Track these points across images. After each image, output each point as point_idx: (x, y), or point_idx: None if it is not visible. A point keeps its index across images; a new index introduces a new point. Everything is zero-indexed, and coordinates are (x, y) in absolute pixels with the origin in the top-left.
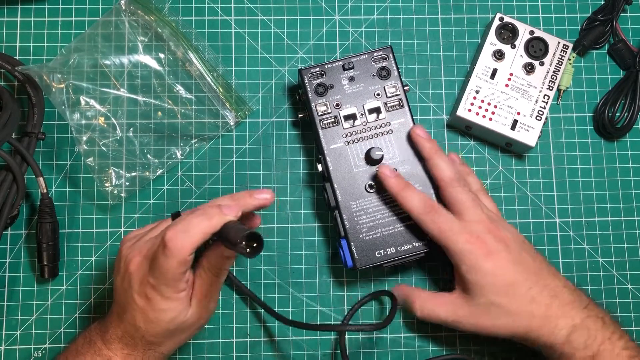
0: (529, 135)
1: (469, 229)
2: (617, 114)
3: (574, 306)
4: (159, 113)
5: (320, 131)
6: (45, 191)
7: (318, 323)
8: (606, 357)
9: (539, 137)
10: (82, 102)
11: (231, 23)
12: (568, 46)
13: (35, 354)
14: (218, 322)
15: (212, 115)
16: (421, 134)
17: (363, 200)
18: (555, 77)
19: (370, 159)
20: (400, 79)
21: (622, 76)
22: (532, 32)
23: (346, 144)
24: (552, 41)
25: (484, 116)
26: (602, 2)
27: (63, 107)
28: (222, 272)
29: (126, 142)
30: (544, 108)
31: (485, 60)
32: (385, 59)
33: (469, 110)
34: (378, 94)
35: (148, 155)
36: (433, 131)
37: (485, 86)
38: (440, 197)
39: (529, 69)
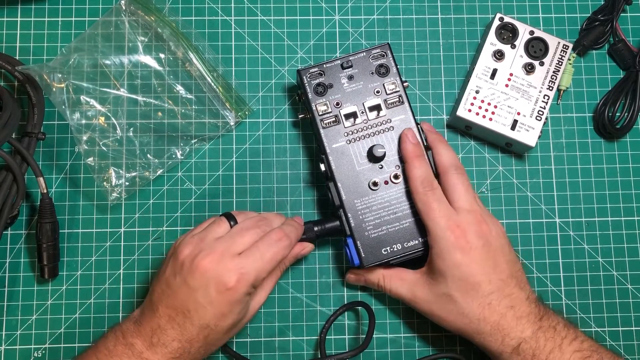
0: (529, 135)
1: (455, 217)
2: (617, 114)
3: (528, 319)
4: (159, 113)
5: (321, 131)
6: (45, 191)
7: None
8: None
9: (539, 137)
10: (83, 102)
11: (231, 23)
12: (568, 46)
13: (35, 354)
14: None
15: (212, 115)
16: (427, 127)
17: (367, 198)
18: (555, 77)
19: (372, 157)
20: (399, 75)
21: (622, 76)
22: (532, 32)
23: (348, 142)
24: (552, 41)
25: (484, 116)
26: (602, 2)
27: (63, 107)
28: (285, 269)
29: (126, 142)
30: (544, 108)
31: (485, 60)
32: (384, 56)
33: (469, 111)
34: (378, 92)
35: (148, 155)
36: None
37: (485, 86)
38: (439, 183)
39: (529, 69)
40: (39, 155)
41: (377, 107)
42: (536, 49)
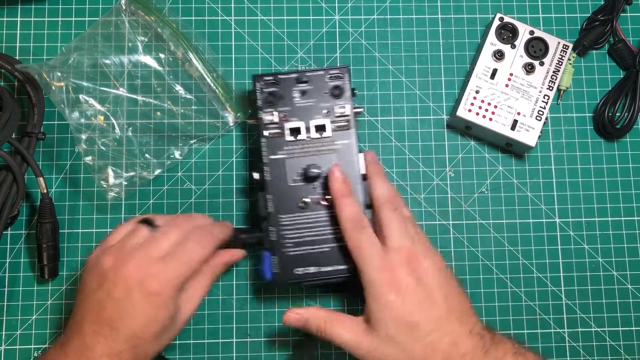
0: (529, 135)
1: (386, 256)
2: (617, 114)
3: (474, 354)
4: (158, 113)
5: (263, 140)
6: (45, 191)
7: None
8: None
9: (539, 137)
10: (82, 101)
11: (231, 23)
12: (568, 46)
13: (35, 354)
14: (218, 322)
15: (212, 115)
16: (369, 157)
17: (293, 215)
18: (555, 77)
19: (306, 176)
20: (352, 100)
21: (622, 76)
22: (532, 32)
23: (287, 156)
24: (552, 41)
25: (484, 116)
26: (602, 2)
27: (62, 106)
28: (217, 277)
29: (125, 141)
30: (544, 108)
31: (485, 60)
32: (340, 77)
33: (469, 111)
34: (327, 112)
35: (147, 155)
36: (433, 131)
37: (485, 86)
38: (373, 218)
39: (529, 69)
40: (39, 155)
41: (322, 128)
42: (536, 49)
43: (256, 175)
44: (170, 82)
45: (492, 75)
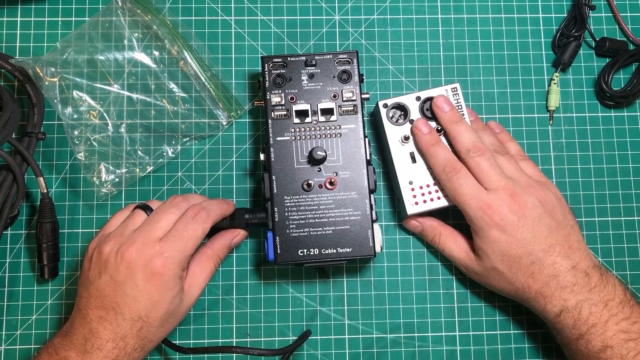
0: None
1: (484, 196)
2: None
3: (572, 289)
4: (152, 111)
5: (270, 121)
6: (45, 191)
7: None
8: (593, 340)
9: None
10: (75, 97)
11: (231, 23)
12: (456, 87)
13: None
14: (218, 322)
15: (205, 114)
16: (440, 104)
17: (297, 197)
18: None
19: (311, 159)
20: (360, 85)
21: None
22: (418, 98)
23: (293, 138)
24: (440, 92)
25: (431, 200)
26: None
27: (55, 101)
28: (220, 260)
29: (118, 138)
30: None
31: (398, 152)
32: (349, 62)
33: (416, 204)
34: (334, 96)
35: (139, 152)
36: None
37: (414, 173)
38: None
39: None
40: (39, 155)
41: (329, 111)
42: (432, 109)
43: (262, 157)
44: (164, 80)
45: (413, 160)
